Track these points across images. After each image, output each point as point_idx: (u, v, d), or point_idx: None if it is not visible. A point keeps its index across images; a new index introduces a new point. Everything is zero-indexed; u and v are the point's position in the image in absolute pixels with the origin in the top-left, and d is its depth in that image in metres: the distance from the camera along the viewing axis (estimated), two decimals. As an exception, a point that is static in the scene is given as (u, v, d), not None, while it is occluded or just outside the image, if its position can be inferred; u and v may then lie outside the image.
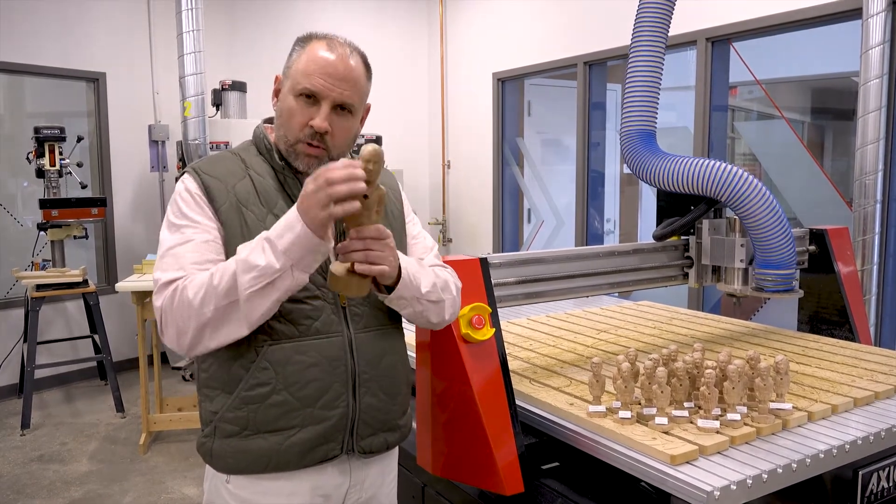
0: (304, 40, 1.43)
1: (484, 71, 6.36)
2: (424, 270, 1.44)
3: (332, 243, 1.26)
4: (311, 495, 1.44)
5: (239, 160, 1.47)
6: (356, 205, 1.18)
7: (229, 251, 1.37)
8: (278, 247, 1.22)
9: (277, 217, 1.40)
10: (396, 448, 1.60)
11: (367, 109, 1.51)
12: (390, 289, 1.36)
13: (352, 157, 1.54)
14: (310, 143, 1.40)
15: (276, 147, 1.46)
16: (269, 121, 1.52)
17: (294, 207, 1.24)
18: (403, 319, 1.56)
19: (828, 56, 4.57)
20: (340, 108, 1.40)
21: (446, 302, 1.48)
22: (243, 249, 1.27)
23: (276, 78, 1.47)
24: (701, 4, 4.33)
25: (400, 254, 1.37)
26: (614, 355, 2.09)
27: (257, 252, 1.24)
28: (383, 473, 1.57)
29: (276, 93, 1.47)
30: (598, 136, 5.49)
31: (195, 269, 1.32)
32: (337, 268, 1.25)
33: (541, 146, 6.56)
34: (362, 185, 1.18)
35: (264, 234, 1.26)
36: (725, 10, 4.25)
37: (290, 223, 1.23)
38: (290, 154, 1.43)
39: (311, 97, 1.38)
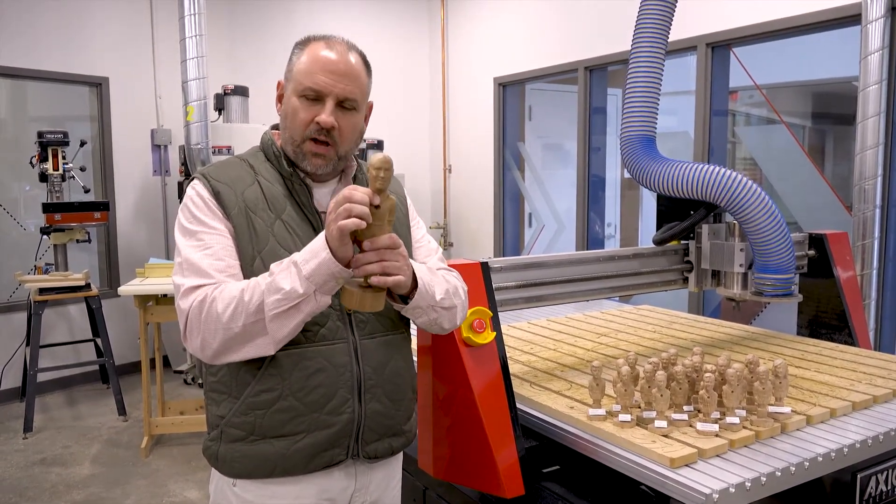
0: (303, 43, 1.45)
1: (485, 76, 6.38)
2: (436, 277, 1.45)
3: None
4: (317, 499, 1.45)
5: (247, 166, 1.49)
6: (362, 223, 1.19)
7: (238, 256, 1.39)
8: (303, 272, 1.24)
9: (285, 223, 1.42)
10: (401, 453, 1.61)
11: (370, 108, 1.52)
12: (405, 299, 1.37)
13: (356, 159, 1.57)
14: (316, 140, 1.41)
15: (284, 153, 1.47)
16: (277, 127, 1.54)
17: (321, 234, 1.26)
18: (411, 325, 1.58)
19: (828, 60, 4.58)
20: (344, 105, 1.42)
21: (458, 307, 1.49)
22: (276, 268, 1.29)
23: (279, 84, 1.48)
24: (701, 10, 4.35)
25: (412, 262, 1.36)
26: (614, 359, 2.10)
27: (284, 275, 1.26)
28: (388, 477, 1.58)
29: (280, 98, 1.48)
30: (599, 141, 5.51)
31: (219, 276, 1.34)
32: (350, 284, 1.25)
33: (542, 151, 6.57)
34: (366, 210, 1.19)
35: (294, 256, 1.27)
36: (725, 16, 4.27)
37: (315, 250, 1.24)
38: (298, 156, 1.44)
39: (314, 97, 1.40)
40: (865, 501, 1.61)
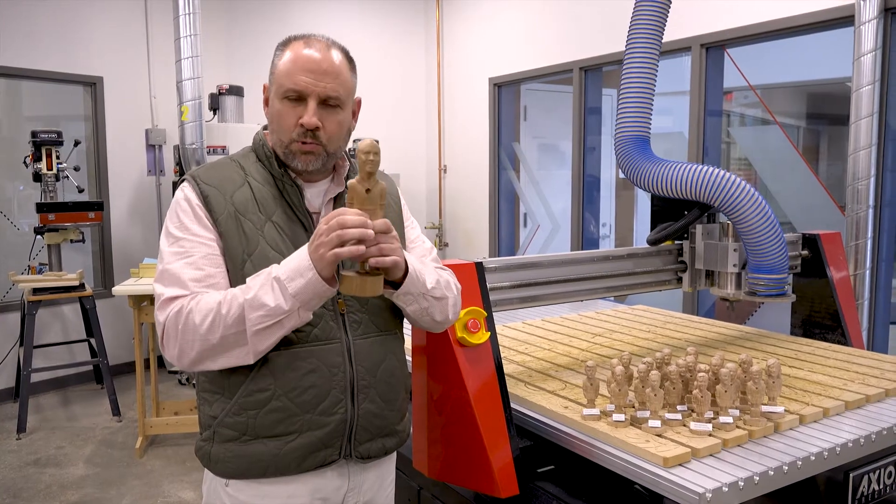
0: (284, 44, 1.45)
1: (480, 76, 6.39)
2: (427, 267, 1.47)
3: (338, 286, 1.29)
4: (310, 498, 1.45)
5: (238, 167, 1.48)
6: (361, 248, 1.22)
7: (227, 260, 1.39)
8: (288, 290, 1.25)
9: (276, 225, 1.42)
10: (395, 453, 1.61)
11: (359, 103, 1.52)
12: (396, 286, 1.37)
13: (348, 155, 1.57)
14: (303, 142, 1.41)
15: (275, 153, 1.47)
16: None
17: (304, 250, 1.27)
18: (404, 325, 1.58)
19: (822, 61, 4.60)
20: (328, 103, 1.41)
21: (449, 299, 1.49)
22: (253, 282, 1.30)
23: (264, 87, 1.48)
24: (695, 11, 4.36)
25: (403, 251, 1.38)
26: (609, 359, 2.11)
27: (266, 290, 1.27)
28: (381, 477, 1.58)
29: (266, 101, 1.48)
30: (594, 141, 5.52)
31: (197, 286, 1.35)
32: (348, 271, 1.28)
33: (537, 151, 6.58)
34: (371, 232, 1.22)
35: (274, 271, 1.28)
36: (719, 17, 4.28)
37: (300, 269, 1.25)
38: (288, 156, 1.44)
39: (296, 98, 1.40)
40: (858, 500, 1.62)
